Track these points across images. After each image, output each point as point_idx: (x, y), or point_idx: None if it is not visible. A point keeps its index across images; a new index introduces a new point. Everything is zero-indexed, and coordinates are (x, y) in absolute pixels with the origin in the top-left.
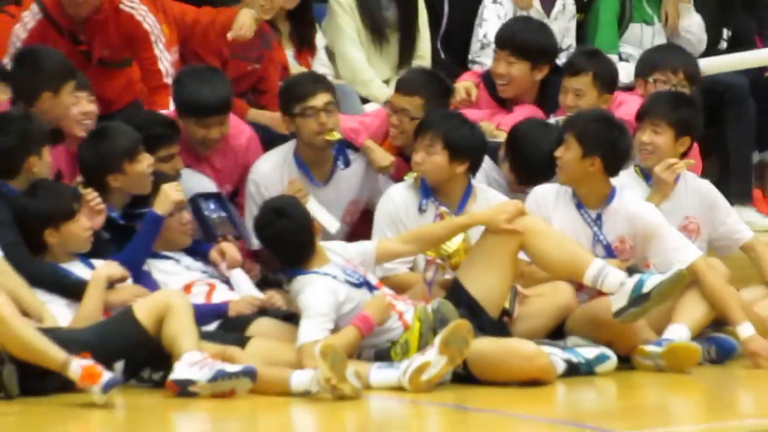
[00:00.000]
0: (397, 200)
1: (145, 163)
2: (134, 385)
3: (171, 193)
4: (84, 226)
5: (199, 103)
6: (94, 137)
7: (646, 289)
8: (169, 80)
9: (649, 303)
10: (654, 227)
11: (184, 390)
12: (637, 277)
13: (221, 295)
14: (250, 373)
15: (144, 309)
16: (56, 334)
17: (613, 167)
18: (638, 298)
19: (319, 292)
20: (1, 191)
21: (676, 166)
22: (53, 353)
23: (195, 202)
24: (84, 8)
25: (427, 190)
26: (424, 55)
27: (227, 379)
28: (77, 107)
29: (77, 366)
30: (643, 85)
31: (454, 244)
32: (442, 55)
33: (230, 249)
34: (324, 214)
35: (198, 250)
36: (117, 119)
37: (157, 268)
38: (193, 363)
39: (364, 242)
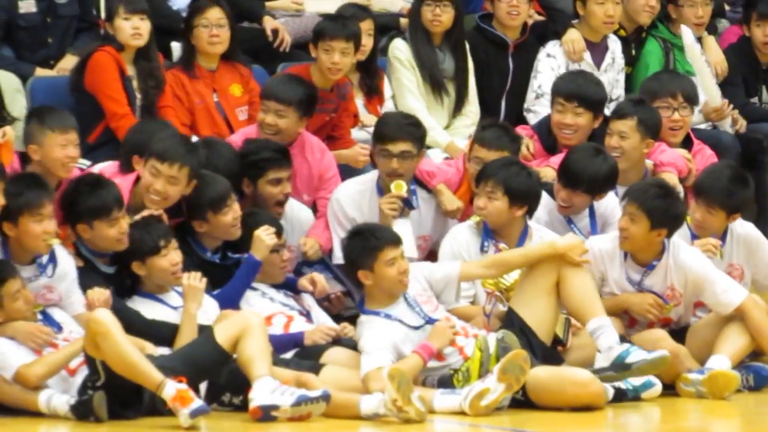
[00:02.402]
0: (460, 239)
1: (230, 215)
2: (215, 408)
3: (264, 239)
4: (172, 261)
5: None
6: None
7: (628, 361)
8: None
9: (627, 373)
10: (703, 275)
11: (267, 415)
12: (625, 346)
13: (298, 326)
14: (326, 398)
15: (223, 331)
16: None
17: (674, 232)
18: (619, 366)
19: (377, 338)
20: None
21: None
22: (152, 373)
23: (300, 272)
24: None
25: (488, 232)
26: (472, 101)
27: (308, 404)
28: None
29: (172, 387)
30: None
31: (511, 278)
32: (503, 107)
33: (320, 278)
34: (409, 241)
35: (285, 281)
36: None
37: (242, 298)
38: (274, 389)
39: (449, 264)
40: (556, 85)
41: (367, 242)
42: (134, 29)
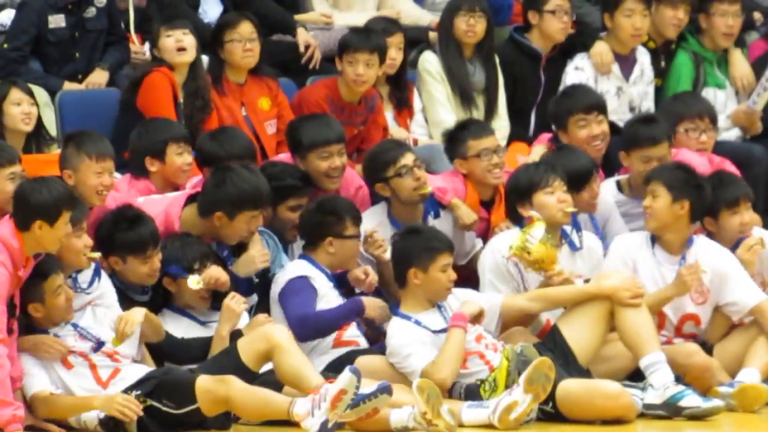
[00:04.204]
0: (498, 251)
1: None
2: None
3: (234, 307)
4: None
5: (320, 136)
6: None
7: (682, 404)
8: None
9: (677, 415)
10: (726, 270)
11: (325, 429)
12: (680, 388)
13: (350, 331)
14: (386, 389)
15: (246, 346)
16: (175, 374)
17: (698, 212)
18: (671, 406)
19: (405, 343)
20: None
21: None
22: (280, 403)
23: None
24: None
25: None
26: (502, 115)
27: (369, 401)
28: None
29: (301, 406)
30: (674, 137)
31: (536, 243)
32: (533, 121)
33: (371, 272)
34: None
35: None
36: (256, 174)
37: (312, 275)
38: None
39: (492, 295)
40: (568, 106)
41: (428, 242)
42: (178, 42)
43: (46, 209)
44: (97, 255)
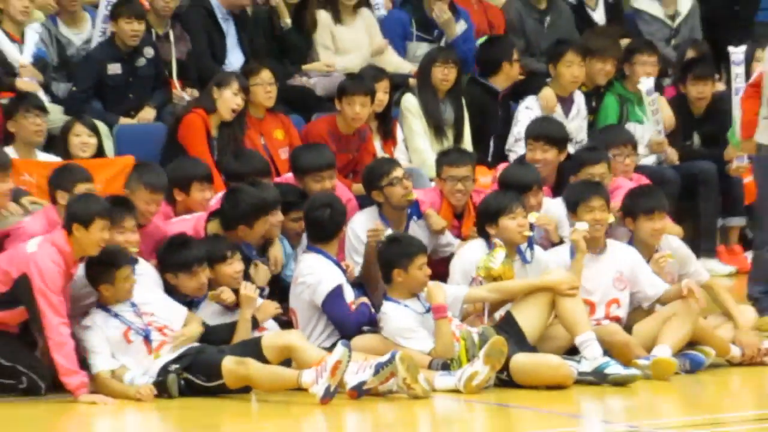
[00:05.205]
0: (467, 258)
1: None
2: None
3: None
4: (235, 269)
5: (314, 163)
6: None
7: (607, 372)
8: None
9: (603, 381)
10: (636, 267)
11: (361, 391)
12: (607, 359)
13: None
14: (395, 356)
15: (270, 342)
16: (206, 354)
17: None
18: (599, 374)
19: (405, 328)
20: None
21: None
22: (290, 376)
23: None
24: None
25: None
26: (467, 142)
27: (386, 367)
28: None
29: (308, 375)
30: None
31: (498, 266)
32: (492, 147)
33: (352, 265)
34: None
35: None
36: (261, 186)
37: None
38: (355, 371)
39: (459, 287)
40: (527, 129)
41: (406, 248)
42: (237, 105)
43: (82, 216)
44: (135, 250)
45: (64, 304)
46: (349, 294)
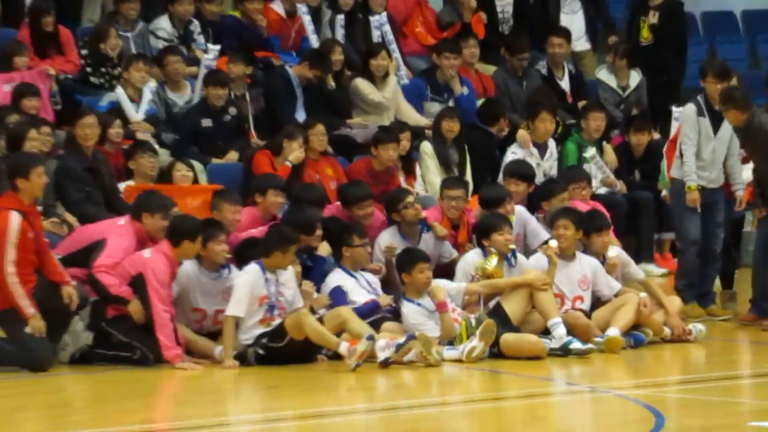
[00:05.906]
0: (468, 261)
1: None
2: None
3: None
4: (297, 270)
5: (357, 196)
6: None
7: (571, 347)
8: None
9: (568, 354)
10: (595, 271)
11: (387, 363)
12: (570, 338)
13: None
14: (412, 337)
15: (330, 316)
16: (275, 326)
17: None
18: (564, 349)
19: (414, 319)
20: None
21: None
22: (334, 340)
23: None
24: None
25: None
26: (468, 177)
27: (402, 347)
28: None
29: (344, 347)
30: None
31: (492, 268)
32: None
33: (382, 267)
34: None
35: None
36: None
37: (344, 283)
38: (383, 347)
39: (460, 283)
40: (504, 168)
41: (411, 258)
42: (301, 154)
43: (183, 233)
44: (228, 256)
45: (169, 296)
46: (358, 294)
